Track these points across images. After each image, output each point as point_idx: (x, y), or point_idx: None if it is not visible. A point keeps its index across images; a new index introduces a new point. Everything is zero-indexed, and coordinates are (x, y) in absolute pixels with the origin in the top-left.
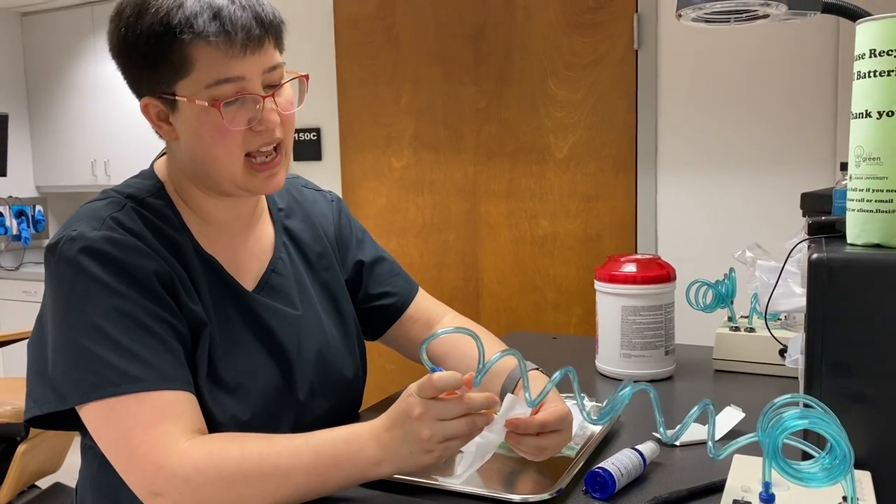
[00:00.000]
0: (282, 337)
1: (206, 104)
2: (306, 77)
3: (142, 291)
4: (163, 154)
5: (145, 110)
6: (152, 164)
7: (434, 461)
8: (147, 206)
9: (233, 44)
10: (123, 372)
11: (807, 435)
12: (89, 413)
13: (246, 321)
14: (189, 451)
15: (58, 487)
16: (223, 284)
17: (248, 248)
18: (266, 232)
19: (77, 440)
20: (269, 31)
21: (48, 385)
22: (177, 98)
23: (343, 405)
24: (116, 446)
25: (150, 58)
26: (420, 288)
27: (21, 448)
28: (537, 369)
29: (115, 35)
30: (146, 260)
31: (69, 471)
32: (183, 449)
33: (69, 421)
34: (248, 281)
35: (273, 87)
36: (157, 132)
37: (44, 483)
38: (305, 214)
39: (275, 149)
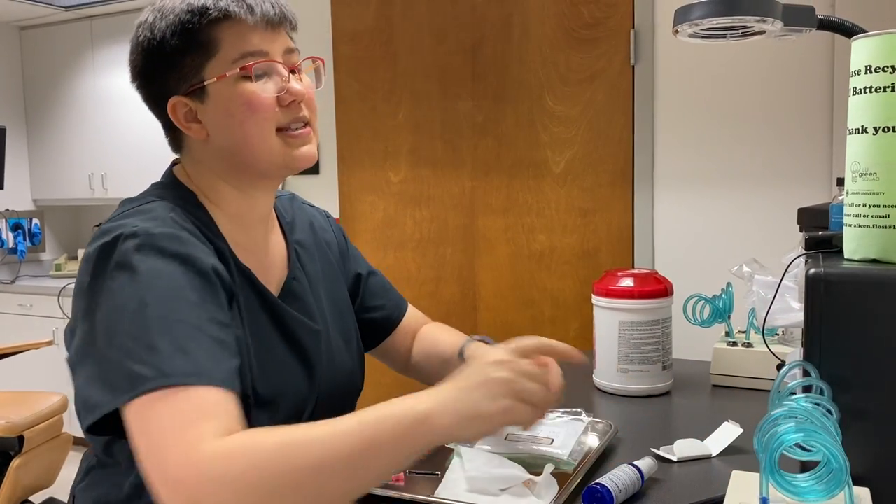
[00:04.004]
0: (311, 352)
1: (237, 73)
2: (322, 60)
3: (202, 290)
4: (175, 164)
5: (173, 112)
6: (171, 174)
7: (497, 420)
8: (189, 213)
9: (254, 17)
10: (176, 366)
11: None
12: (136, 409)
13: (277, 331)
14: (221, 446)
15: (51, 502)
16: (256, 293)
17: (271, 256)
18: (280, 245)
19: (72, 455)
20: (284, 15)
21: (98, 385)
22: (206, 84)
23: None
24: (153, 447)
25: (178, 48)
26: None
27: (15, 462)
28: (484, 341)
29: (141, 45)
30: (208, 258)
31: (63, 486)
32: (216, 444)
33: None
34: (273, 288)
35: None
36: (172, 144)
37: (37, 498)
38: (310, 227)
39: (304, 126)
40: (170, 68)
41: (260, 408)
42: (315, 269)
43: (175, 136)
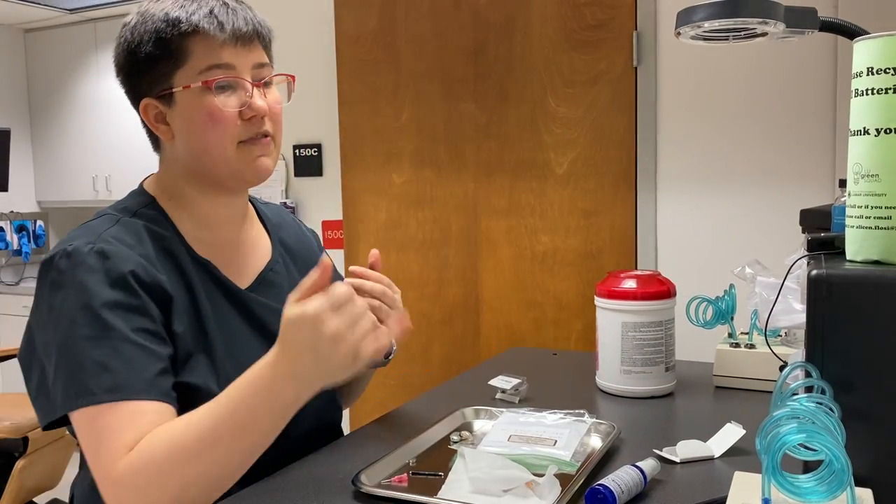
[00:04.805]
0: (276, 331)
1: (200, 85)
2: (293, 77)
3: (129, 303)
4: (148, 177)
5: (144, 113)
6: (141, 184)
7: (350, 355)
8: (140, 216)
9: (224, 33)
10: (101, 383)
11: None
12: (75, 421)
13: (242, 317)
14: (128, 458)
15: None
16: (218, 285)
17: (243, 251)
18: (262, 240)
19: (75, 456)
20: (257, 31)
21: (45, 394)
22: (174, 91)
23: (326, 407)
24: (91, 457)
25: (151, 53)
26: None
27: (19, 464)
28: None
29: (120, 44)
30: (136, 269)
31: (67, 487)
32: (126, 459)
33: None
34: (244, 280)
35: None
36: (150, 138)
37: (42, 499)
38: (295, 232)
39: (265, 136)
40: (144, 71)
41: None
42: (298, 264)
43: (152, 134)
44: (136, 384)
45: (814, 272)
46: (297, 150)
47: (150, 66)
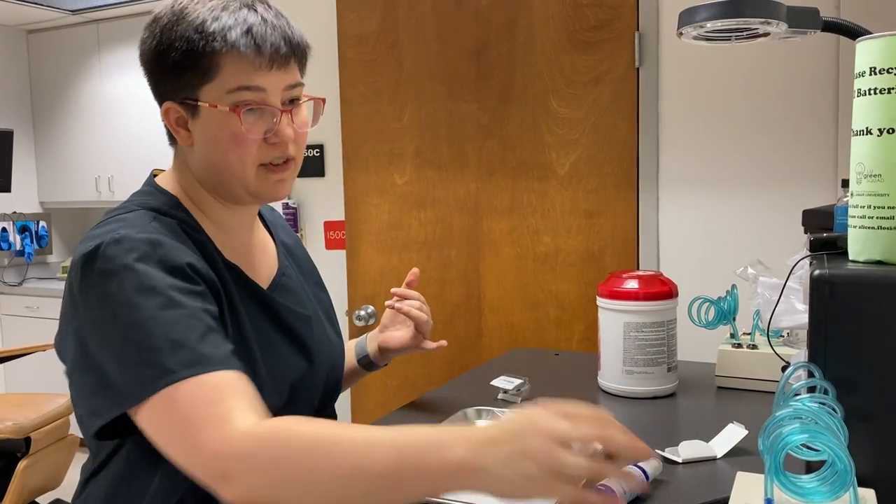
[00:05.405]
0: (305, 337)
1: (227, 109)
2: (323, 100)
3: (190, 289)
4: (154, 176)
5: (165, 114)
6: (152, 180)
7: (530, 494)
8: (172, 217)
9: (261, 57)
10: (180, 360)
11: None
12: (150, 409)
13: (269, 320)
14: (256, 427)
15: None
16: (247, 288)
17: (257, 254)
18: (269, 243)
19: (77, 456)
20: (295, 51)
21: (102, 392)
22: (199, 103)
23: (331, 408)
24: (180, 435)
25: (180, 62)
26: None
27: (22, 464)
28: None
29: (148, 40)
30: (187, 257)
31: (70, 487)
32: (249, 425)
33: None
34: (262, 284)
35: (292, 104)
36: (169, 138)
37: (44, 500)
38: (287, 230)
39: (285, 161)
40: (169, 75)
41: (264, 388)
42: (300, 265)
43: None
44: (214, 357)
45: (816, 272)
46: None
47: (177, 73)
